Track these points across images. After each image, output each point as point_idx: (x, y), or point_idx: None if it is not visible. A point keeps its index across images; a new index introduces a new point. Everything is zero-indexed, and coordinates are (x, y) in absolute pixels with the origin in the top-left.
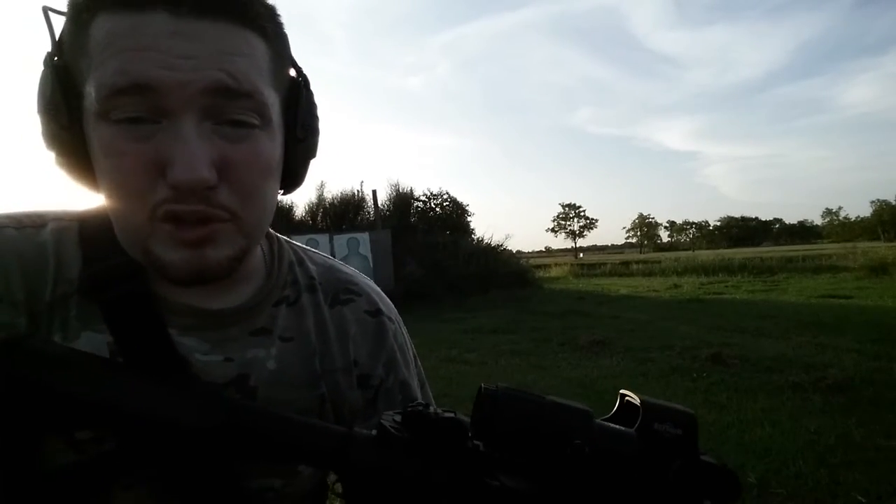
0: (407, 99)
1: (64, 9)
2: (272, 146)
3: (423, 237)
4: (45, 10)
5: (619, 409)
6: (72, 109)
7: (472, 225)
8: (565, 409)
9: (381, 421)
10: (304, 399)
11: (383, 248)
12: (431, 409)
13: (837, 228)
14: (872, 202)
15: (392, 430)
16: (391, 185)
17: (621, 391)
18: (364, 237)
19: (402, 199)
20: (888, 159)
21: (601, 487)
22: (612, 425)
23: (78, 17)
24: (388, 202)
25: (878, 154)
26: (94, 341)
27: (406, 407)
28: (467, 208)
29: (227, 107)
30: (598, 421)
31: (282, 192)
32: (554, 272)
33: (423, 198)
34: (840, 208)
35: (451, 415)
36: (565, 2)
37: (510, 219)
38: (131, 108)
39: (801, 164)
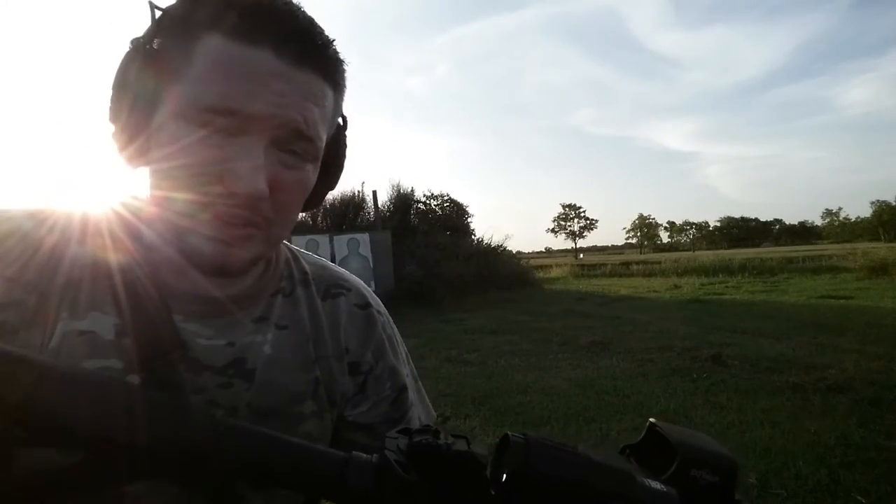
0: (407, 99)
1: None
2: (313, 177)
3: (423, 238)
4: (152, 5)
5: (647, 439)
6: (151, 95)
7: (472, 225)
8: (605, 470)
9: (385, 450)
10: (298, 382)
11: (383, 249)
12: (441, 440)
13: (837, 229)
14: (872, 203)
15: (397, 467)
16: (391, 186)
17: (651, 420)
18: (364, 238)
19: (403, 200)
20: (888, 159)
21: None
22: (654, 486)
23: (190, 25)
24: (388, 203)
25: (878, 154)
26: (100, 321)
27: (413, 437)
28: (467, 209)
29: (292, 142)
30: (640, 480)
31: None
32: (554, 273)
33: (423, 198)
34: (840, 209)
35: (465, 447)
36: (565, 2)
37: (510, 219)
38: (220, 124)
39: (801, 165)
